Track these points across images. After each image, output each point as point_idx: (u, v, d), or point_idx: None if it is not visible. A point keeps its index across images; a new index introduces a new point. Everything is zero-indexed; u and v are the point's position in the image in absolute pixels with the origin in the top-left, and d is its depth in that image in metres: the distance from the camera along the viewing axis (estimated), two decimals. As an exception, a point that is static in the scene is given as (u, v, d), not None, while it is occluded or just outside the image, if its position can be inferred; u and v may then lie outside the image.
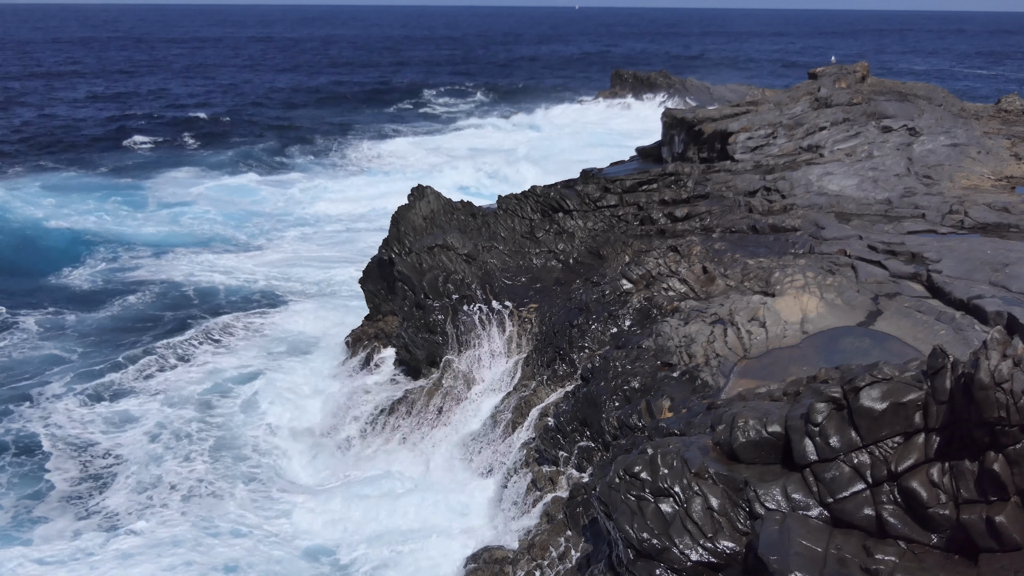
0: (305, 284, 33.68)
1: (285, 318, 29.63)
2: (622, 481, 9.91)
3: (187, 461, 20.75)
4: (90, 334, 28.72)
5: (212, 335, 28.18)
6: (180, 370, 25.83)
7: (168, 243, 39.04)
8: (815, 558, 8.33)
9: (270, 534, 17.66)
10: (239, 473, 20.21)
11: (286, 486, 19.65)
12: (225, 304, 31.65)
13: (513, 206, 23.68)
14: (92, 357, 26.73)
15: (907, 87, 32.74)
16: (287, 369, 25.33)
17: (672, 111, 29.14)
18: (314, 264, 35.99)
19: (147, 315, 30.57)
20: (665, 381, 14.26)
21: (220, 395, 24.14)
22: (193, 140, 67.05)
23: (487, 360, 19.95)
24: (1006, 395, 7.87)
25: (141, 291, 32.69)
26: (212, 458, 20.85)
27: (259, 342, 27.82)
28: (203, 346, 27.52)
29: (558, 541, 13.80)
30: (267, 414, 22.78)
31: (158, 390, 24.43)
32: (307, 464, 20.80)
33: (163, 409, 23.15)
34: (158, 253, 37.43)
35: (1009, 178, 23.28)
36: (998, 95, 36.94)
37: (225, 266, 35.77)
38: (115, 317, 30.36)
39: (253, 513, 18.46)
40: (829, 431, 9.08)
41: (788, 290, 15.98)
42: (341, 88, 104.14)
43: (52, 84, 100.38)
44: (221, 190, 49.46)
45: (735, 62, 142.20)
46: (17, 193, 44.79)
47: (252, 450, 21.21)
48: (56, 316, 30.34)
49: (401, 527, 17.20)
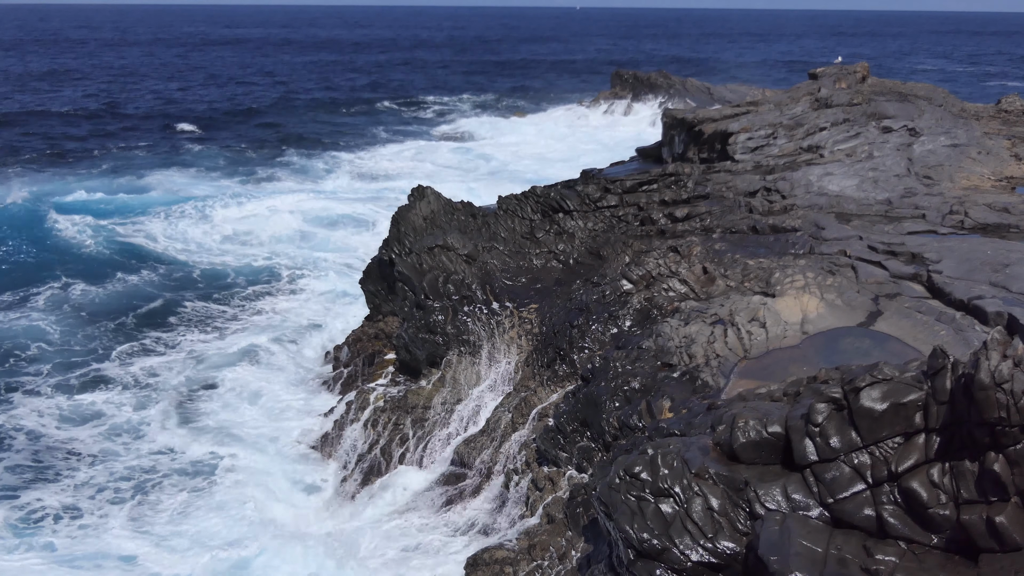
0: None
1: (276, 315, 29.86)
2: (622, 481, 9.91)
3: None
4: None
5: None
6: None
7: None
8: (815, 558, 8.33)
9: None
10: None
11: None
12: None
13: (513, 206, 23.69)
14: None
15: (907, 87, 32.76)
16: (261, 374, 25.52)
17: (672, 111, 29.16)
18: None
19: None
20: (665, 381, 14.26)
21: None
22: (186, 145, 66.75)
23: (487, 361, 19.95)
24: (1006, 395, 7.87)
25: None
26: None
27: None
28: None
29: (558, 541, 13.80)
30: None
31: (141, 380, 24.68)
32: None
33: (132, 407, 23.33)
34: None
35: (1009, 178, 23.29)
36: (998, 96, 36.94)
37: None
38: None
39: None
40: (829, 431, 9.09)
41: (788, 290, 15.98)
42: (333, 92, 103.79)
43: (41, 85, 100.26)
44: (220, 191, 49.48)
45: (735, 62, 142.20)
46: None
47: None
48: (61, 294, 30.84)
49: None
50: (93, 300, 31.43)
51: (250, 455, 20.96)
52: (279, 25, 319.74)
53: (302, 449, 21.43)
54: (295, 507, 19.04)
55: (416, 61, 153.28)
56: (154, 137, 67.75)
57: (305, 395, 24.05)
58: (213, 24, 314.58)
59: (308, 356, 26.65)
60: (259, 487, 19.53)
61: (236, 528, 17.98)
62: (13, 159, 57.03)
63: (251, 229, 40.64)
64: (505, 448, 17.54)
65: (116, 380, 24.95)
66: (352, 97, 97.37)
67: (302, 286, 33.23)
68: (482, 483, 17.62)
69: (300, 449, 21.45)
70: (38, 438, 21.70)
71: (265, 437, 21.86)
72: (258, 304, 31.28)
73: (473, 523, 16.89)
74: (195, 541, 17.64)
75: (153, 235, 39.49)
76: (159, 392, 24.17)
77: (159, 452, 21.22)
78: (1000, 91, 76.90)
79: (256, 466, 20.54)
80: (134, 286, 32.99)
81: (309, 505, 19.35)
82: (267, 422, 22.66)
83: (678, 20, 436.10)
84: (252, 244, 38.84)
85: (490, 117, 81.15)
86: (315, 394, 24.02)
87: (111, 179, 51.92)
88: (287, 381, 24.84)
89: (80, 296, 31.74)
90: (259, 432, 22.10)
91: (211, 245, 38.39)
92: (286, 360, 26.23)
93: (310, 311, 30.38)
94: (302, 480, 20.35)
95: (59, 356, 26.47)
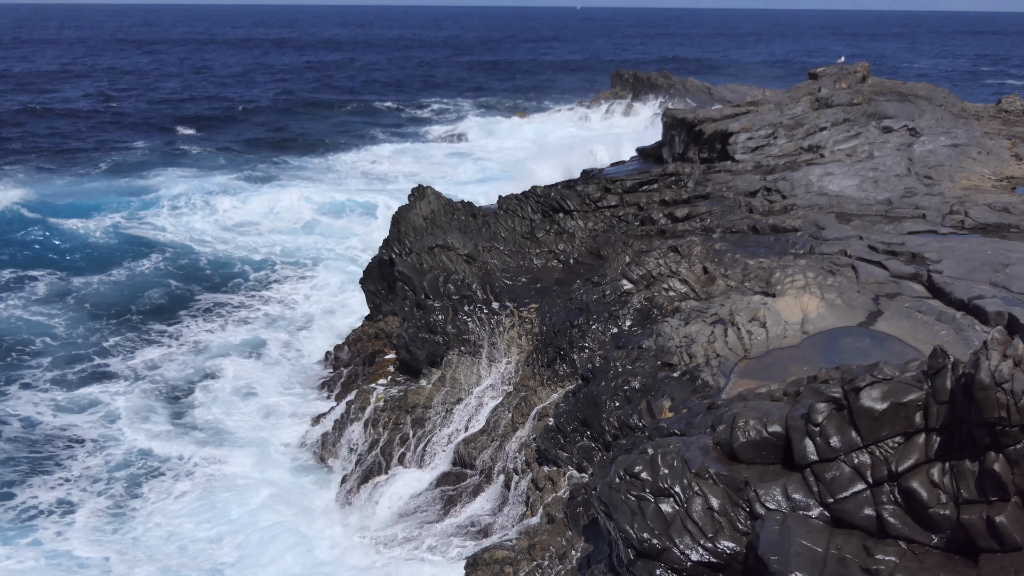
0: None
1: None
2: (622, 481, 9.91)
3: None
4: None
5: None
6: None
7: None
8: (815, 558, 8.33)
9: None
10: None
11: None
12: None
13: (513, 206, 23.69)
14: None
15: (907, 87, 32.75)
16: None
17: (672, 111, 29.16)
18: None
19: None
20: (665, 381, 14.26)
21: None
22: (185, 145, 66.66)
23: (487, 360, 19.95)
24: (1006, 395, 7.86)
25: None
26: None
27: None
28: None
29: (558, 541, 13.79)
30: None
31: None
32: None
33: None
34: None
35: (1009, 178, 23.28)
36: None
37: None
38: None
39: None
40: (829, 431, 9.09)
41: (788, 290, 15.98)
42: (333, 93, 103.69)
43: (41, 85, 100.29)
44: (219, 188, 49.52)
45: (736, 62, 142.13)
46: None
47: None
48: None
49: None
50: (96, 291, 31.68)
51: (248, 455, 20.93)
52: (279, 25, 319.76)
53: (301, 450, 21.43)
54: (295, 506, 19.02)
55: (416, 61, 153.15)
56: (153, 137, 67.68)
57: (305, 395, 24.06)
58: (213, 24, 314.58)
59: (308, 356, 26.65)
60: (258, 487, 19.50)
61: (233, 529, 17.95)
62: (13, 158, 57.06)
63: (250, 228, 40.69)
64: (505, 448, 17.54)
65: (117, 374, 25.05)
66: (352, 97, 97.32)
67: (299, 287, 33.26)
68: (482, 483, 17.62)
69: (299, 450, 21.44)
70: (32, 427, 21.78)
71: (263, 437, 21.84)
72: (256, 305, 31.27)
73: (473, 523, 16.88)
74: (179, 546, 17.53)
75: (153, 233, 39.51)
76: (156, 385, 24.24)
77: (145, 451, 21.12)
78: (1000, 91, 76.90)
79: (254, 466, 20.53)
80: (134, 279, 33.25)
81: (309, 505, 19.32)
82: (265, 422, 22.66)
83: (679, 20, 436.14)
84: (251, 243, 38.81)
85: (490, 117, 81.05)
86: (315, 394, 24.03)
87: (111, 179, 51.93)
88: (286, 381, 24.84)
89: (81, 287, 32.03)
90: (257, 432, 22.09)
91: (209, 245, 38.33)
92: (285, 360, 26.23)
93: (309, 310, 30.38)
94: (301, 480, 20.33)
95: (60, 349, 26.59)
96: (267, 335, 28.00)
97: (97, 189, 48.34)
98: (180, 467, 20.46)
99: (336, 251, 37.79)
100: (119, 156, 59.02)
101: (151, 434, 21.71)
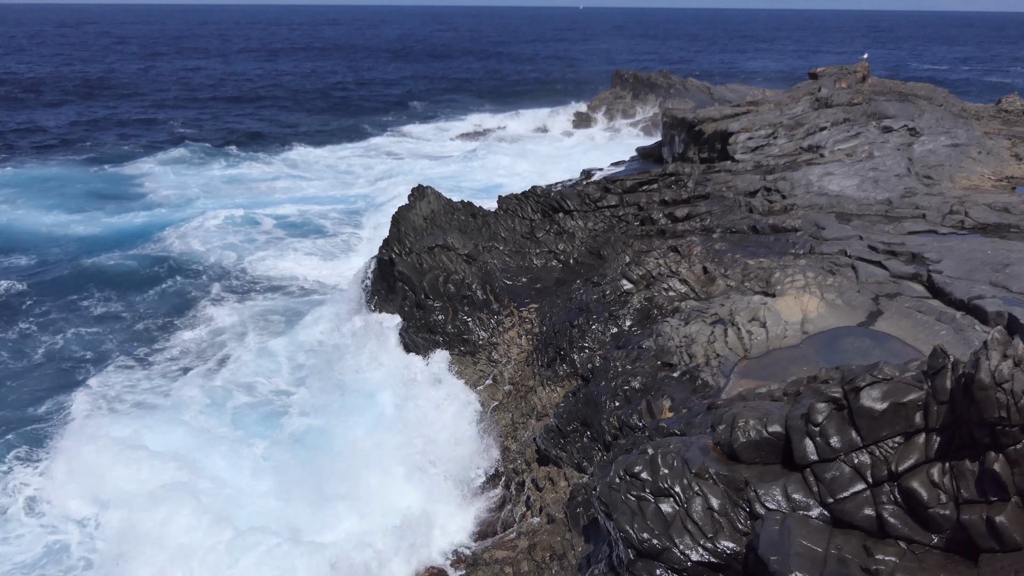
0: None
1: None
2: (622, 481, 9.90)
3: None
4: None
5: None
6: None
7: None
8: (815, 558, 8.32)
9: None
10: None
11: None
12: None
13: (513, 206, 23.69)
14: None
15: (907, 87, 32.74)
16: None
17: (672, 111, 29.16)
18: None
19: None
20: (665, 381, 14.26)
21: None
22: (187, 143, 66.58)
23: (487, 360, 19.94)
24: (1006, 395, 7.86)
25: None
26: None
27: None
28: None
29: (558, 541, 13.78)
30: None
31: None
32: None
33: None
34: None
35: (1009, 178, 23.28)
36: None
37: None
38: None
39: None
40: (829, 431, 9.08)
41: (788, 290, 15.97)
42: (333, 93, 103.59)
43: (41, 84, 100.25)
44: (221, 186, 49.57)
45: (738, 62, 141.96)
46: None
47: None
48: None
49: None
50: (97, 294, 31.72)
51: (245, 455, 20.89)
52: (279, 24, 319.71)
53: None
54: (293, 506, 18.98)
55: (416, 61, 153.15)
56: (153, 137, 67.77)
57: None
58: (213, 24, 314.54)
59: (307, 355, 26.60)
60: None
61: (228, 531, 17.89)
62: (12, 157, 57.11)
63: (249, 226, 40.64)
64: (505, 448, 17.53)
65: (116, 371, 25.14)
66: (352, 97, 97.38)
67: (295, 287, 33.27)
68: (483, 483, 17.62)
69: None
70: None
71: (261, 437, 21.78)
72: (251, 305, 31.17)
73: (473, 523, 16.88)
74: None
75: (150, 231, 39.52)
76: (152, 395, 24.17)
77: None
78: (1000, 91, 76.86)
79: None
80: (135, 278, 33.35)
81: (308, 505, 19.28)
82: (264, 422, 22.58)
83: (679, 19, 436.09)
84: (250, 243, 38.77)
85: (490, 117, 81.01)
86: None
87: (111, 178, 51.95)
88: (286, 381, 24.73)
89: (82, 286, 32.09)
90: (254, 432, 22.03)
91: (207, 244, 38.24)
92: (285, 359, 26.16)
93: (307, 310, 30.32)
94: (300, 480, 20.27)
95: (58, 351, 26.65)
96: (268, 335, 27.94)
97: (97, 187, 48.42)
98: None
99: (332, 247, 38.04)
100: (120, 156, 59.06)
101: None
